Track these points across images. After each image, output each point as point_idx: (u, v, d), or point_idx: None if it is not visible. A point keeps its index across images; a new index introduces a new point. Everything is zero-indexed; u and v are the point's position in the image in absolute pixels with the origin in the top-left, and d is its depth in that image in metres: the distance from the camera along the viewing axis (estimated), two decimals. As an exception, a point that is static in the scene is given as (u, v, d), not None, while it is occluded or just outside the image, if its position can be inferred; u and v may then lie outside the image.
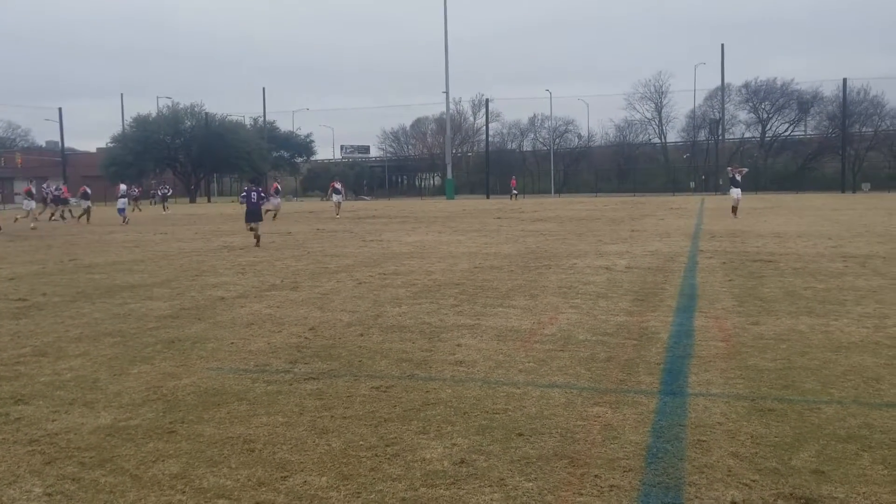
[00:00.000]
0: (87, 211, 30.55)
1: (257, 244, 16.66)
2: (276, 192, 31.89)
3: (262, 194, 18.96)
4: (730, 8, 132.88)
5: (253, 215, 17.30)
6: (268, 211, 28.83)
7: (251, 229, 17.26)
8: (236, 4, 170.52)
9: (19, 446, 4.01)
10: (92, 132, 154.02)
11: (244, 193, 18.86)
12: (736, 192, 24.63)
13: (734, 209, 24.44)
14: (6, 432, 4.24)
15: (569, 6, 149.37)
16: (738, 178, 24.98)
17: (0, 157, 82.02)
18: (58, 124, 75.23)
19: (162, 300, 8.96)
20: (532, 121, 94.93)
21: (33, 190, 31.10)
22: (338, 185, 33.89)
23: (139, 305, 8.59)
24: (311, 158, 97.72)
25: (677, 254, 13.17)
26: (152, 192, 63.27)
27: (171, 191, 57.34)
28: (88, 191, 32.13)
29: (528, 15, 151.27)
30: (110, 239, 20.38)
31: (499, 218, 27.64)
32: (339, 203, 33.26)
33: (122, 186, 35.48)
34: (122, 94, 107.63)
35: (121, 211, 30.34)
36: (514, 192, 60.10)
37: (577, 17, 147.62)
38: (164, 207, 45.18)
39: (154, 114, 78.99)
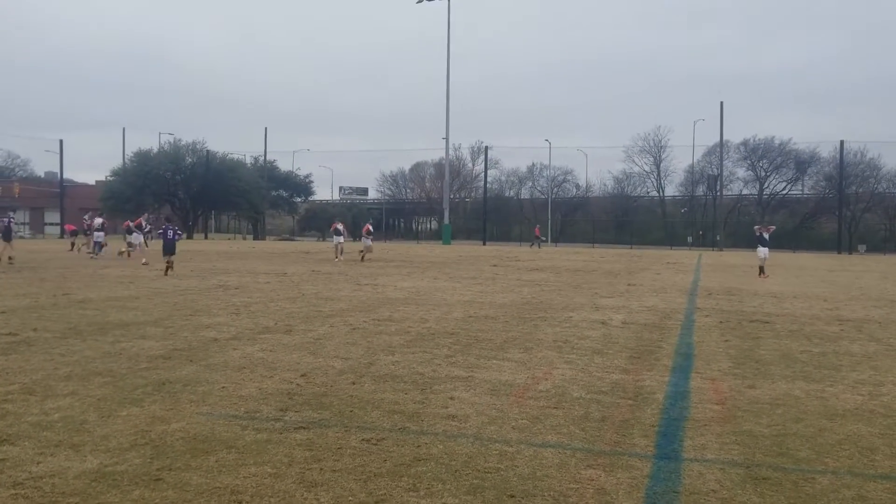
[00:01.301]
0: (132, 246, 29.58)
1: (165, 273, 19.78)
2: (368, 233, 31.64)
3: (178, 231, 22.43)
4: (729, 67, 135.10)
5: (168, 248, 20.57)
6: (360, 252, 30.76)
7: (167, 262, 20.30)
8: (239, 46, 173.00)
9: (3, 489, 3.94)
10: (91, 164, 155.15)
11: (161, 230, 22.59)
12: (763, 252, 24.17)
13: (761, 269, 23.89)
14: (-11, 474, 4.17)
15: (569, 59, 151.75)
16: (766, 236, 24.64)
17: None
18: (58, 155, 75.62)
19: (154, 339, 8.90)
20: (531, 169, 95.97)
21: (132, 224, 30.24)
22: (339, 227, 32.47)
23: (131, 344, 8.53)
24: (310, 198, 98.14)
25: (674, 310, 13.16)
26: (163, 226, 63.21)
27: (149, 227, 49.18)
28: (132, 225, 31.80)
29: (529, 66, 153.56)
30: (105, 274, 20.32)
31: (495, 266, 27.66)
32: (341, 245, 31.30)
33: (98, 220, 34.25)
34: (123, 128, 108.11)
35: (96, 244, 30.23)
36: (541, 239, 60.28)
37: (578, 70, 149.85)
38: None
39: (155, 149, 79.52)
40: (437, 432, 5.18)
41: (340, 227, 32.73)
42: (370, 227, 32.71)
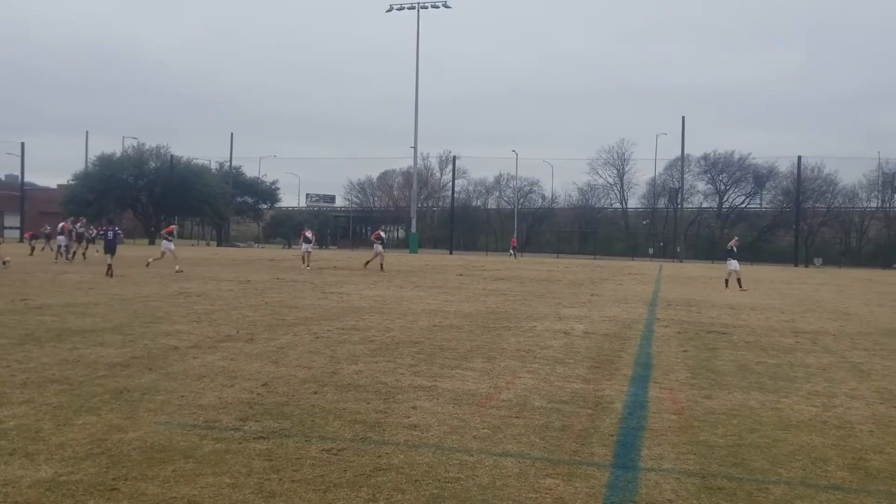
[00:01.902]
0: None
1: (107, 274, 20.77)
2: (378, 238, 30.58)
3: (119, 232, 23.89)
4: (691, 82, 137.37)
5: (109, 249, 22.13)
6: (367, 262, 29.79)
7: (109, 264, 21.64)
8: (207, 50, 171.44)
9: (-49, 500, 3.86)
10: (53, 168, 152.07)
11: (102, 231, 24.30)
12: (733, 264, 24.28)
13: (727, 282, 24.03)
14: (-61, 484, 4.08)
15: (536, 74, 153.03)
16: (735, 249, 24.80)
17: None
18: (19, 158, 74.15)
19: (113, 347, 8.76)
20: (498, 179, 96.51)
21: (174, 232, 29.58)
22: (308, 234, 31.33)
23: (89, 352, 8.39)
24: (276, 205, 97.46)
25: (634, 321, 13.32)
26: (104, 229, 62.25)
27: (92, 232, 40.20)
28: (164, 232, 31.17)
29: (498, 78, 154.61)
30: (64, 279, 19.96)
31: (461, 275, 27.73)
32: (309, 253, 30.34)
33: (60, 225, 33.23)
34: (87, 132, 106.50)
35: (63, 248, 29.65)
36: (513, 250, 60.37)
37: (544, 83, 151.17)
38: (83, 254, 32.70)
39: (119, 153, 78.41)
40: (399, 442, 5.18)
41: (309, 234, 31.56)
42: (381, 234, 31.37)
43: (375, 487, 4.26)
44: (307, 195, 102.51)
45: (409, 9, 66.91)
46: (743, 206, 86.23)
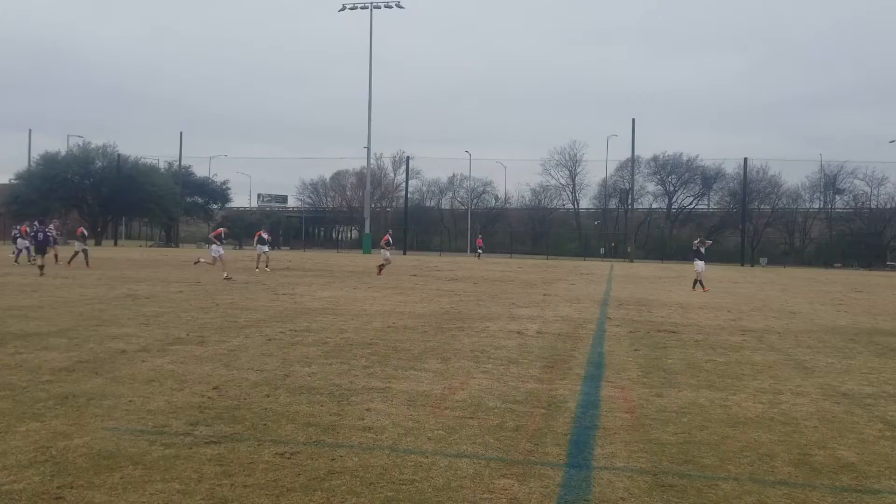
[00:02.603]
0: (81, 252, 27.97)
1: (41, 274, 21.27)
2: (387, 244, 29.09)
3: (48, 233, 24.07)
4: (640, 85, 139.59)
5: (39, 249, 22.80)
6: (381, 265, 28.03)
7: (37, 261, 22.47)
8: (151, 45, 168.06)
9: None
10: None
11: (33, 232, 24.23)
12: (700, 265, 24.22)
13: (696, 282, 23.99)
14: None
15: (487, 75, 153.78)
16: (703, 250, 24.75)
17: None
18: (-43, 156, 71.69)
19: (58, 351, 8.53)
20: (451, 180, 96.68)
21: (212, 235, 27.81)
22: (264, 235, 29.39)
23: (33, 356, 8.15)
24: (227, 206, 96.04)
25: (587, 320, 13.46)
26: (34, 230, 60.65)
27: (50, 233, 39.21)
28: (86, 232, 30.26)
29: (451, 78, 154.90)
30: (6, 282, 19.36)
31: (415, 275, 27.69)
32: (265, 255, 28.50)
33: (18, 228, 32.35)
34: (30, 130, 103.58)
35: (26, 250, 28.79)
36: (480, 250, 60.02)
37: (496, 84, 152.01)
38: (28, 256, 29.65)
39: (63, 152, 76.38)
40: (353, 445, 5.15)
41: (266, 234, 29.88)
42: (390, 238, 29.58)
43: (329, 491, 4.22)
44: (259, 195, 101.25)
45: (361, 8, 66.59)
46: (691, 206, 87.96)
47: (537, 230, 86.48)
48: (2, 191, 76.84)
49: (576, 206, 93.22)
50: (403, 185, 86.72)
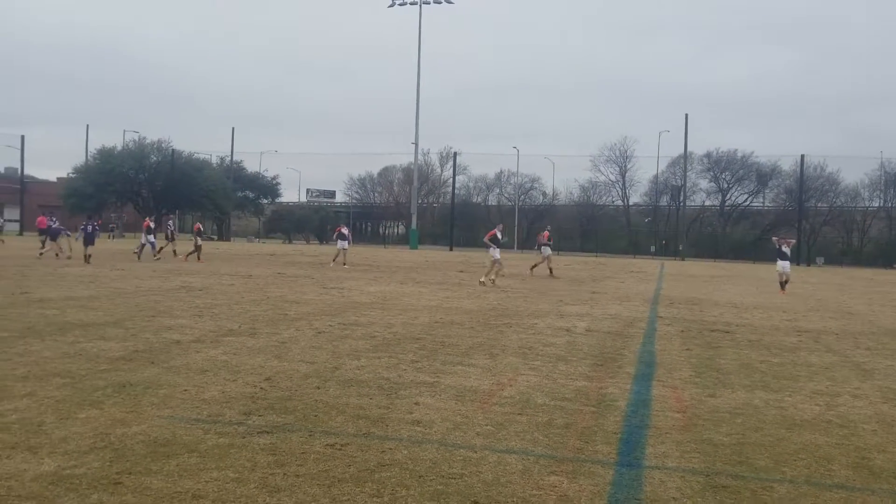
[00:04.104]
0: (197, 248, 29.08)
1: (86, 261, 23.62)
2: (495, 240, 21.43)
3: (96, 226, 26.86)
4: (694, 80, 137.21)
5: (88, 241, 24.85)
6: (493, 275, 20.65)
7: (88, 254, 24.22)
8: (207, 45, 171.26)
9: (-45, 492, 3.85)
10: (54, 161, 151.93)
11: (83, 226, 26.58)
12: (783, 266, 22.41)
13: (782, 285, 22.25)
14: (-58, 476, 4.07)
15: (537, 70, 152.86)
16: (786, 249, 23.01)
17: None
18: (18, 151, 74.12)
19: (115, 340, 8.75)
20: (498, 176, 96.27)
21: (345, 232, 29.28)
22: (344, 230, 29.23)
23: (91, 345, 8.38)
24: (277, 200, 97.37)
25: (637, 319, 13.30)
26: (111, 225, 62.44)
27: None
28: (202, 228, 31.19)
29: (500, 74, 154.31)
30: (65, 273, 19.94)
31: (462, 272, 27.71)
32: (344, 251, 28.31)
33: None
34: (87, 125, 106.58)
35: (152, 245, 29.39)
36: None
37: (544, 80, 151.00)
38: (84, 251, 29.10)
39: (119, 147, 78.27)
40: (402, 438, 5.17)
41: (345, 230, 29.45)
42: (498, 233, 22.05)
43: (380, 483, 4.24)
44: (308, 190, 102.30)
45: (410, 4, 66.81)
46: (745, 204, 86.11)
47: (586, 227, 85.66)
48: (60, 184, 79.13)
49: (626, 203, 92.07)
50: (450, 180, 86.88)
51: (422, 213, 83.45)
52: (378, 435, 5.22)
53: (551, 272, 24.25)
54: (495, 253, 21.00)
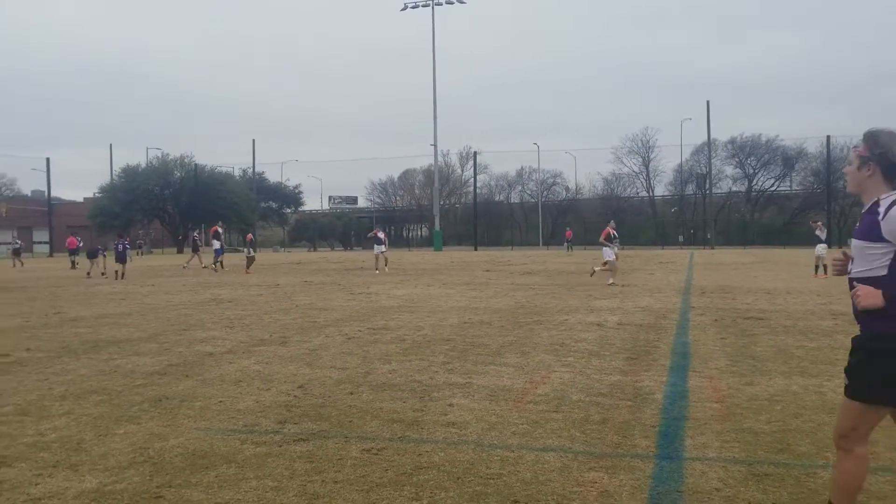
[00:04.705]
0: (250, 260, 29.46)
1: (116, 277, 25.19)
2: (611, 238, 20.67)
3: (127, 244, 27.16)
4: (712, 66, 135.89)
5: (120, 258, 25.91)
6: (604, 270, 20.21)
7: (117, 270, 25.64)
8: (221, 59, 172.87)
9: (0, 513, 3.90)
10: (79, 181, 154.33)
11: (116, 243, 27.60)
12: (820, 249, 22.10)
13: (818, 268, 21.95)
14: (-13, 497, 4.12)
15: (552, 64, 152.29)
16: (819, 233, 22.75)
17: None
18: (45, 174, 75.26)
19: (149, 356, 8.84)
20: (520, 173, 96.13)
21: (380, 234, 29.37)
22: (380, 235, 29.04)
23: (126, 361, 8.47)
24: (300, 209, 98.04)
25: (669, 310, 13.18)
26: (139, 241, 63.20)
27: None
28: (254, 238, 31.51)
29: (514, 71, 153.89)
30: (96, 291, 20.21)
31: (488, 271, 27.66)
32: (383, 255, 28.28)
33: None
34: (111, 145, 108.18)
35: (217, 252, 29.53)
36: (568, 242, 59.11)
37: (561, 74, 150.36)
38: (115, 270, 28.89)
39: (143, 164, 79.29)
40: (438, 440, 5.16)
41: (381, 235, 29.21)
42: (612, 231, 21.12)
43: (418, 486, 4.23)
44: (330, 197, 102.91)
45: (423, 6, 66.92)
46: (773, 189, 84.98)
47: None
48: (87, 204, 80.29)
49: (651, 194, 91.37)
50: (471, 180, 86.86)
51: (444, 214, 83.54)
52: (413, 438, 5.20)
53: (595, 272, 23.01)
54: (609, 253, 20.16)
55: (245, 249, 29.59)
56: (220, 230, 30.42)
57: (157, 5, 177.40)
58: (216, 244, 29.73)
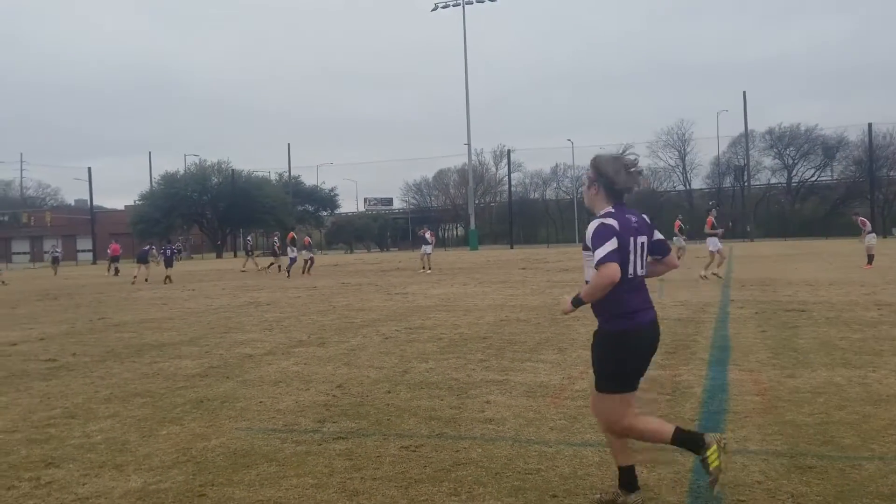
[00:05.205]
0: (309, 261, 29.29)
1: (165, 282, 26.44)
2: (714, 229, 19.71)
3: (174, 249, 29.22)
4: (746, 57, 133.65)
5: (168, 264, 28.20)
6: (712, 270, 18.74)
7: (168, 276, 27.27)
8: (254, 65, 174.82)
9: (50, 512, 4.00)
10: (119, 189, 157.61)
11: (163, 249, 30.26)
12: (870, 238, 22.13)
13: (871, 258, 21.56)
14: (38, 497, 4.24)
15: (583, 59, 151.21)
16: (859, 223, 22.88)
17: (31, 217, 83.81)
18: (87, 183, 76.87)
19: (190, 358, 8.99)
20: (554, 170, 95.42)
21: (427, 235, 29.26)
22: (427, 235, 29.00)
23: (168, 364, 8.63)
24: (336, 211, 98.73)
25: (708, 303, 13.02)
26: (178, 246, 64.25)
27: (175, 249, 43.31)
28: (311, 241, 31.57)
29: (546, 68, 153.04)
30: (138, 296, 20.60)
31: (524, 269, 27.59)
32: (427, 256, 28.19)
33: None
34: (149, 152, 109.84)
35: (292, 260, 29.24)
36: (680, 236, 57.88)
37: (593, 69, 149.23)
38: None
39: (181, 171, 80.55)
40: (475, 436, 5.17)
41: (428, 234, 29.06)
42: (713, 220, 19.93)
43: (457, 481, 4.25)
44: (365, 199, 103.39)
45: (453, 5, 66.94)
46: (813, 179, 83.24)
47: (648, 215, 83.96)
48: (128, 212, 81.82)
49: (687, 187, 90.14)
50: (506, 179, 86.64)
51: (479, 213, 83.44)
52: (451, 435, 5.22)
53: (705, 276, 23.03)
54: (715, 243, 19.37)
55: (302, 252, 29.12)
56: (295, 237, 30.15)
57: (194, 16, 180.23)
58: (292, 252, 29.23)
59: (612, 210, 3.85)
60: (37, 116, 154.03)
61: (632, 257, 3.84)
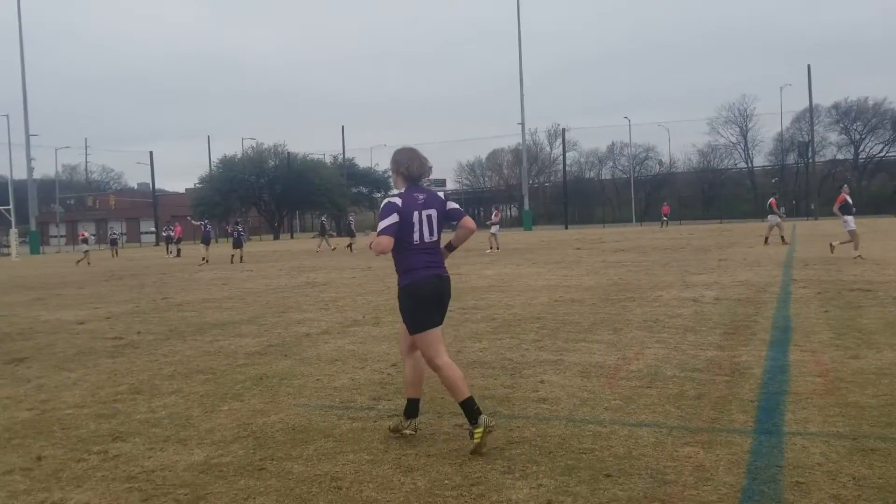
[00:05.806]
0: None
1: (231, 261, 28.03)
2: (846, 206, 18.45)
3: (242, 231, 30.30)
4: (812, 28, 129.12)
5: (236, 244, 29.23)
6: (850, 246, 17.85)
7: (233, 255, 28.72)
8: (308, 50, 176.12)
9: (118, 483, 4.16)
10: (180, 173, 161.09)
11: (231, 230, 31.61)
12: None
13: None
14: (106, 469, 4.41)
15: (640, 33, 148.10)
16: None
17: (96, 200, 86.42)
18: (149, 167, 78.89)
19: (250, 337, 9.20)
20: (610, 149, 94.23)
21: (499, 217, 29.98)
22: (493, 215, 29.89)
23: (228, 342, 8.85)
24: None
25: (769, 284, 12.73)
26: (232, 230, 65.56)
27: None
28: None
29: (601, 45, 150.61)
30: (200, 277, 21.11)
31: (578, 249, 27.36)
32: (495, 236, 28.51)
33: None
34: (208, 136, 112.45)
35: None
36: (665, 218, 58.36)
37: (651, 43, 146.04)
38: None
39: (239, 154, 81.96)
40: (529, 416, 5.18)
41: (494, 215, 29.53)
42: (847, 197, 18.77)
43: (510, 459, 4.27)
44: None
45: (508, -16, 66.17)
46: (881, 155, 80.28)
47: (707, 193, 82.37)
48: (189, 195, 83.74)
49: (749, 165, 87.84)
50: (560, 158, 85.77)
51: (533, 193, 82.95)
52: (505, 414, 5.24)
53: (783, 240, 24.81)
54: (850, 223, 17.98)
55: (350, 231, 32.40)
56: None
57: (250, 4, 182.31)
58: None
59: (403, 191, 4.63)
60: (99, 103, 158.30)
61: (417, 226, 4.55)
